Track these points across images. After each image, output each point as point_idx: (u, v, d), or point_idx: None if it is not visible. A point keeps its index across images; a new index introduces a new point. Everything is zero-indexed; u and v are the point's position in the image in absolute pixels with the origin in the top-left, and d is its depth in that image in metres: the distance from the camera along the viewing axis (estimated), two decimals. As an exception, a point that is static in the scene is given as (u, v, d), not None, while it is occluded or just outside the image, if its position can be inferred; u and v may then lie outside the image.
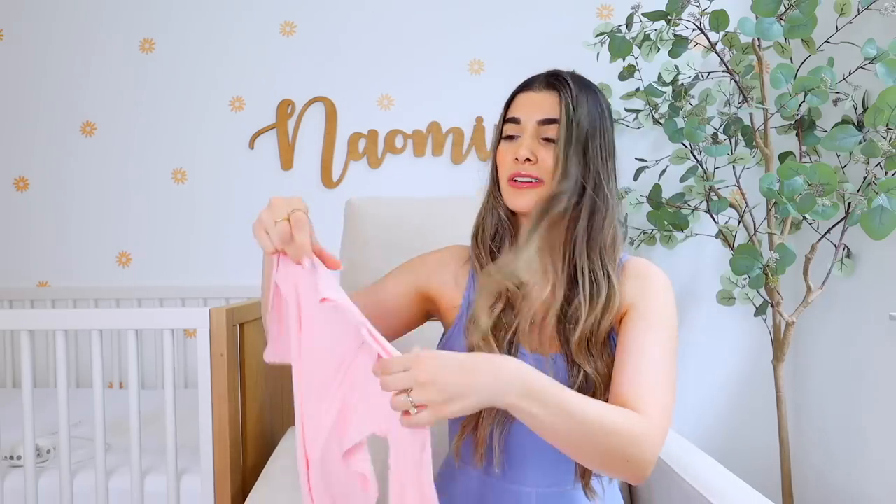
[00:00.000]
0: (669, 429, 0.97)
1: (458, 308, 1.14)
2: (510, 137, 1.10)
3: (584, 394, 0.96)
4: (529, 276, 1.06)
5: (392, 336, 1.14)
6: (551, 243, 1.09)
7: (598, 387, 1.03)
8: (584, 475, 1.07)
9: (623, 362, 1.00)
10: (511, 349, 1.06)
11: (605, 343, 1.06)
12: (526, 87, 1.11)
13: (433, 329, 1.22)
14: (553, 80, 1.08)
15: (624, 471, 0.91)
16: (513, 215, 1.13)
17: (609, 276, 1.06)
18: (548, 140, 1.05)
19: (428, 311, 1.19)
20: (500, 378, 0.82)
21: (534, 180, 1.05)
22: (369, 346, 0.84)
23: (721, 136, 2.02)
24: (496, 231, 1.14)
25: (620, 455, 0.88)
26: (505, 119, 1.11)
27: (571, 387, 1.00)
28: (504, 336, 1.06)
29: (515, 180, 1.07)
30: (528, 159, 1.05)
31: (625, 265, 1.12)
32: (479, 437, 1.06)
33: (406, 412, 0.79)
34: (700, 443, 1.75)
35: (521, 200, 1.07)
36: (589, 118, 1.06)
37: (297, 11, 2.49)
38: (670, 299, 1.08)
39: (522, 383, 0.83)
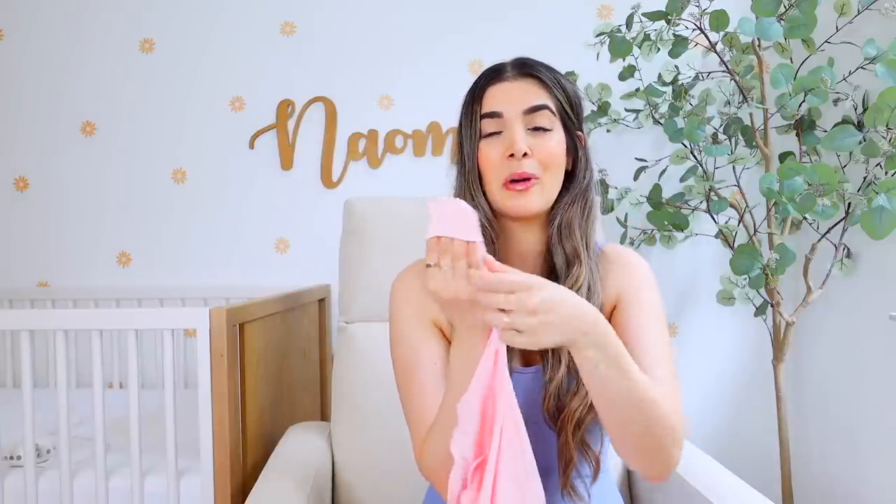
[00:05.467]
0: None
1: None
2: (492, 134, 1.01)
3: (569, 391, 0.98)
4: None
5: None
6: (528, 231, 1.07)
7: (582, 381, 0.97)
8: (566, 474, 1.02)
9: (634, 358, 0.95)
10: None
11: None
12: (496, 77, 1.03)
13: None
14: (525, 67, 1.03)
15: (656, 454, 0.90)
16: (495, 218, 1.06)
17: (596, 270, 1.04)
18: (537, 129, 1.00)
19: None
20: (584, 326, 0.82)
21: (529, 179, 0.99)
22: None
23: (721, 136, 2.02)
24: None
25: (658, 430, 0.87)
26: (481, 115, 1.02)
27: (550, 393, 0.99)
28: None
29: (513, 182, 0.99)
30: (525, 153, 0.97)
31: (604, 252, 1.09)
32: None
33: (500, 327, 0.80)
34: (700, 443, 1.75)
35: (523, 202, 1.00)
36: (567, 89, 1.04)
37: (297, 11, 2.49)
38: (656, 287, 1.06)
39: (595, 332, 0.83)
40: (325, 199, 2.47)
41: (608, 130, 2.27)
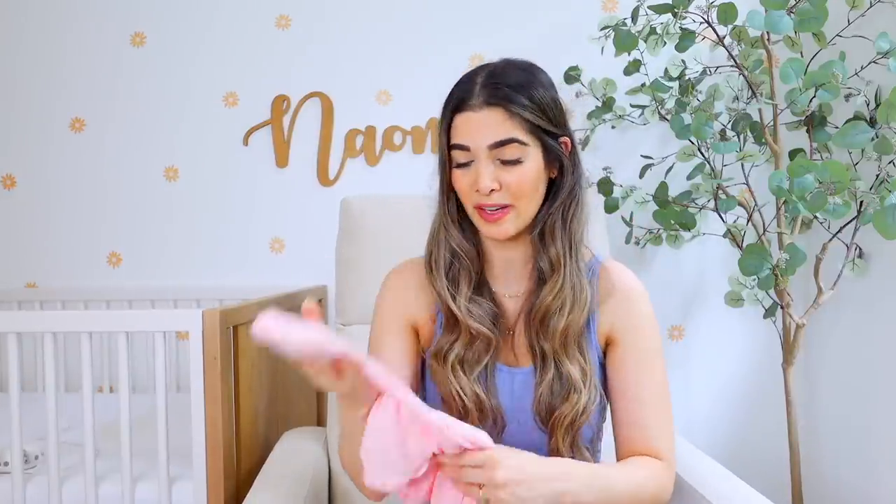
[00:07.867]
0: None
1: (434, 324, 1.11)
2: (463, 164, 1.01)
3: (559, 396, 1.00)
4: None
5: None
6: (511, 250, 1.08)
7: (573, 388, 1.00)
8: None
9: (629, 407, 1.04)
10: (487, 369, 1.04)
11: (582, 340, 1.04)
12: (462, 104, 1.00)
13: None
14: (492, 96, 0.98)
15: None
16: (474, 235, 1.08)
17: (582, 275, 1.05)
18: (505, 162, 0.98)
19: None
20: (558, 482, 0.88)
21: (501, 207, 1.00)
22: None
23: (729, 133, 1.99)
24: (451, 264, 1.07)
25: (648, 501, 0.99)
26: (450, 146, 1.02)
27: (540, 397, 1.01)
28: (480, 358, 1.03)
29: (483, 209, 1.01)
30: (493, 189, 0.98)
31: (605, 269, 1.10)
32: None
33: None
34: (707, 448, 1.73)
35: (498, 229, 1.01)
36: (542, 101, 1.00)
37: (293, 4, 2.44)
38: (653, 315, 1.09)
39: (571, 478, 0.90)
40: (321, 198, 2.43)
41: (613, 127, 2.24)
